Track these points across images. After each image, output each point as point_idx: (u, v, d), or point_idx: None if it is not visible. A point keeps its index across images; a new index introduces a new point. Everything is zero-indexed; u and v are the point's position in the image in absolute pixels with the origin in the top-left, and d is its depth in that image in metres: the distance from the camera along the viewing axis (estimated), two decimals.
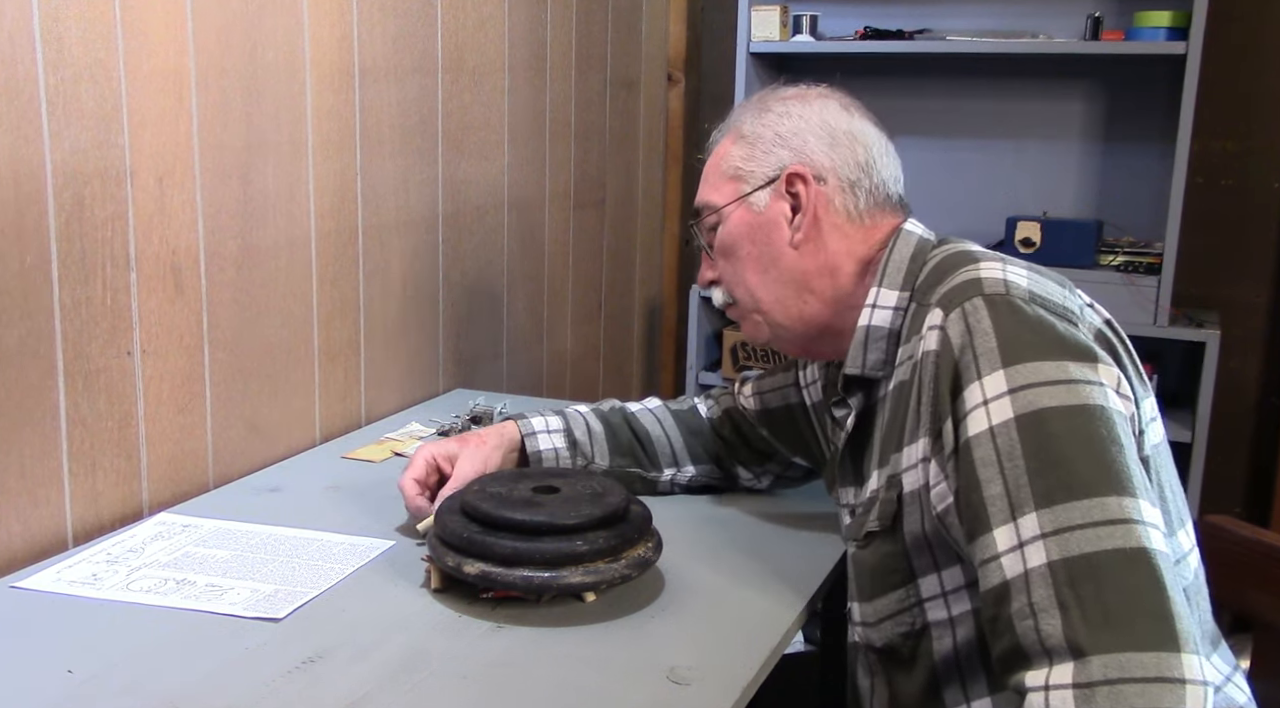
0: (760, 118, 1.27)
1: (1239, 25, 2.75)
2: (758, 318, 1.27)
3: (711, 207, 1.28)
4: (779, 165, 1.23)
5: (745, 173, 1.26)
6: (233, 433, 1.65)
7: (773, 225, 1.24)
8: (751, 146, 1.26)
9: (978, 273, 1.08)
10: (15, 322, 1.31)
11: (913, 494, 1.09)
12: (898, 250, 1.21)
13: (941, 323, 1.06)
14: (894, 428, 1.13)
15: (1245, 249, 2.87)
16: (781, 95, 1.29)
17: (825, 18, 2.98)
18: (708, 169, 1.30)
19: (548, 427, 1.50)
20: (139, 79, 1.44)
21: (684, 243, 3.30)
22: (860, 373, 1.19)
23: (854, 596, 1.20)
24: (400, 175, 1.99)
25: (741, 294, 1.28)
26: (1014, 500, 0.96)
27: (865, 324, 1.19)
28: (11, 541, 1.34)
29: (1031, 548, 0.93)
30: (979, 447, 0.99)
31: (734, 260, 1.27)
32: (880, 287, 1.19)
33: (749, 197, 1.25)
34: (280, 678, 1.07)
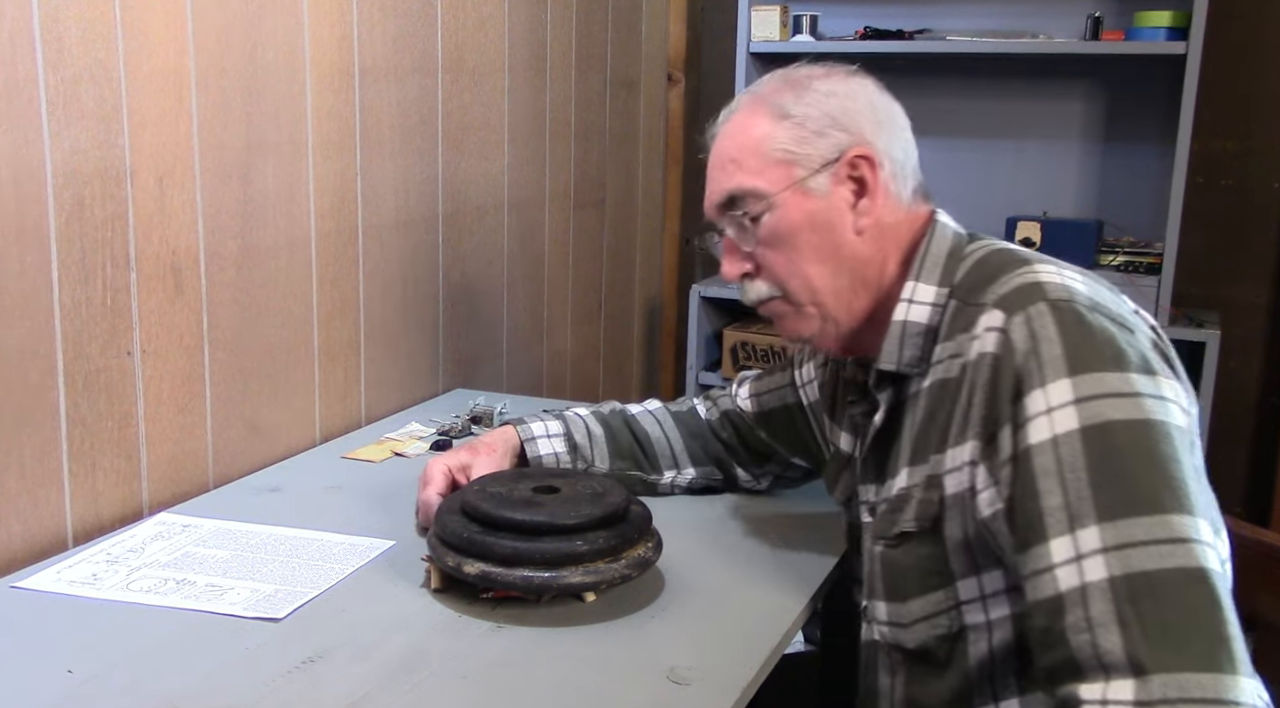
0: (803, 97, 1.17)
1: (1239, 25, 2.75)
2: (811, 311, 1.19)
3: (758, 193, 1.17)
4: (837, 147, 1.15)
5: (799, 156, 1.16)
6: (233, 433, 1.65)
7: (835, 212, 1.16)
8: (801, 127, 1.16)
9: (1037, 277, 1.06)
10: (15, 322, 1.31)
11: (956, 497, 1.07)
12: (935, 244, 1.17)
13: (1003, 325, 1.03)
14: (933, 427, 1.11)
15: (1245, 249, 2.87)
16: (813, 73, 1.20)
17: (825, 18, 2.98)
18: (737, 152, 1.20)
19: (547, 431, 1.49)
20: (139, 79, 1.44)
21: (684, 242, 3.30)
22: (895, 369, 1.16)
23: (878, 594, 1.17)
24: (400, 175, 1.99)
25: (797, 286, 1.18)
26: (1074, 512, 0.94)
27: (902, 319, 1.15)
28: (11, 541, 1.34)
29: (1090, 562, 0.92)
30: (1040, 455, 0.97)
31: (788, 250, 1.17)
32: (917, 281, 1.16)
33: (806, 181, 1.16)
34: (280, 678, 1.07)
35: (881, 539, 1.16)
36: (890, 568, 1.15)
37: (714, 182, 1.23)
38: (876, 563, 1.18)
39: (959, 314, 1.11)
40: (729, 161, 1.21)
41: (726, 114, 1.24)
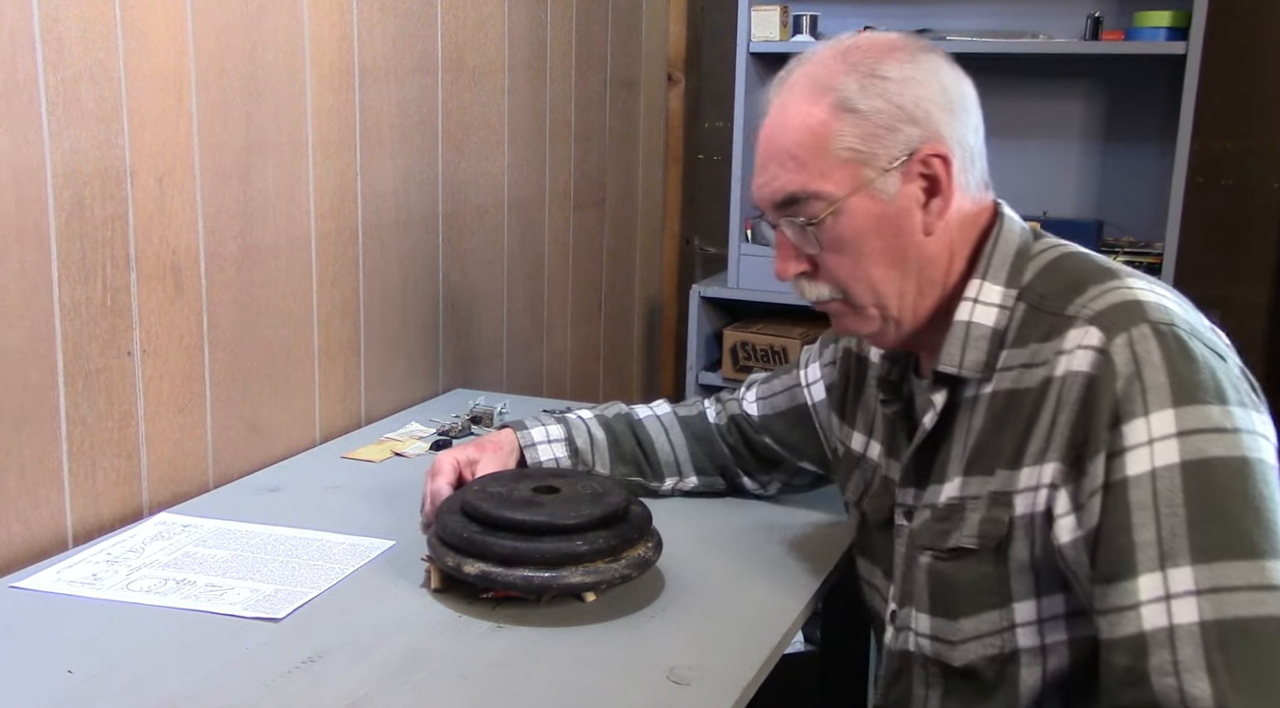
0: (872, 87, 1.07)
1: (1239, 25, 2.75)
2: (873, 313, 1.13)
3: (824, 197, 1.08)
4: (908, 144, 1.07)
5: (867, 156, 1.07)
6: (233, 433, 1.65)
7: (904, 214, 1.08)
8: (869, 122, 1.06)
9: (1135, 294, 1.01)
10: (15, 322, 1.31)
11: (1026, 518, 1.03)
12: (1003, 240, 1.11)
13: (1101, 345, 0.98)
14: (1000, 439, 1.06)
15: (1245, 249, 2.87)
16: (878, 52, 1.09)
17: (825, 18, 2.98)
18: (797, 147, 1.09)
19: (548, 436, 1.48)
20: (139, 79, 1.44)
21: (684, 242, 3.30)
22: (956, 372, 1.10)
23: (922, 606, 1.13)
24: (400, 175, 1.99)
25: (861, 290, 1.11)
26: (1166, 550, 0.91)
27: (966, 320, 1.09)
28: (11, 541, 1.34)
29: (1181, 603, 0.90)
30: (1136, 488, 0.93)
31: (853, 255, 1.10)
32: (984, 280, 1.10)
33: (874, 183, 1.07)
34: (280, 678, 1.07)
35: (930, 550, 1.12)
36: (940, 582, 1.11)
37: (770, 176, 1.11)
38: (922, 574, 1.13)
39: (1033, 320, 1.06)
40: (788, 157, 1.09)
41: (781, 92, 1.12)
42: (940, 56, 1.10)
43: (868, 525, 1.28)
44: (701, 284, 3.00)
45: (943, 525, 1.10)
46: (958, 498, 1.09)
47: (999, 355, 1.08)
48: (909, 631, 1.15)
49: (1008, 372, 1.07)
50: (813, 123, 1.07)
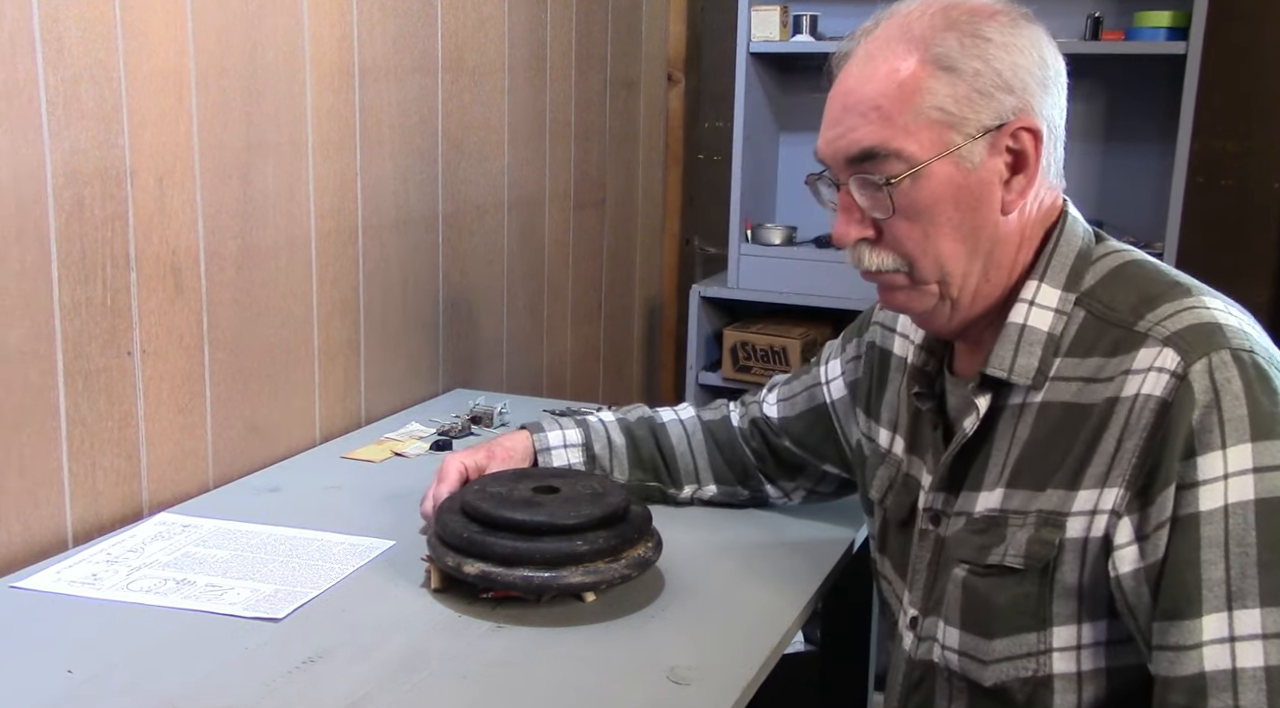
0: (973, 47, 1.00)
1: (1239, 25, 2.75)
2: (933, 290, 1.06)
3: (904, 156, 1.01)
4: (1000, 114, 1.00)
5: (958, 119, 1.00)
6: (233, 433, 1.65)
7: (985, 187, 1.02)
8: (966, 85, 1.00)
9: (1213, 315, 0.96)
10: (15, 322, 1.31)
11: (1078, 542, 0.99)
12: (1065, 241, 1.06)
13: (1179, 370, 0.93)
14: (1052, 455, 1.01)
15: (1245, 249, 2.87)
16: (979, 11, 1.02)
17: (825, 18, 2.98)
18: (883, 98, 1.01)
19: (565, 441, 1.45)
20: (139, 79, 1.44)
21: (684, 242, 3.30)
22: (1006, 377, 1.04)
23: (952, 620, 1.08)
24: (400, 175, 1.99)
25: (928, 264, 1.05)
26: (1234, 590, 0.88)
27: (1020, 322, 1.04)
28: (11, 541, 1.34)
29: (1246, 646, 0.87)
30: (1208, 524, 0.89)
31: (925, 224, 1.03)
32: (1041, 282, 1.04)
33: (961, 150, 1.00)
34: (280, 678, 1.07)
35: (966, 564, 1.07)
36: (975, 598, 1.06)
37: (846, 127, 1.04)
38: (955, 587, 1.08)
39: (1095, 330, 1.01)
40: (871, 108, 1.02)
41: (868, 42, 1.05)
42: (1041, 28, 1.04)
43: (888, 523, 1.24)
44: (701, 284, 3.00)
45: (981, 539, 1.06)
46: (998, 510, 1.05)
47: (1052, 363, 1.03)
48: (934, 642, 1.11)
49: (1063, 382, 1.02)
50: (904, 76, 1.00)
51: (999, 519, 1.05)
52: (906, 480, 1.20)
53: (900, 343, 1.26)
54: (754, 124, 2.92)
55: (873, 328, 1.33)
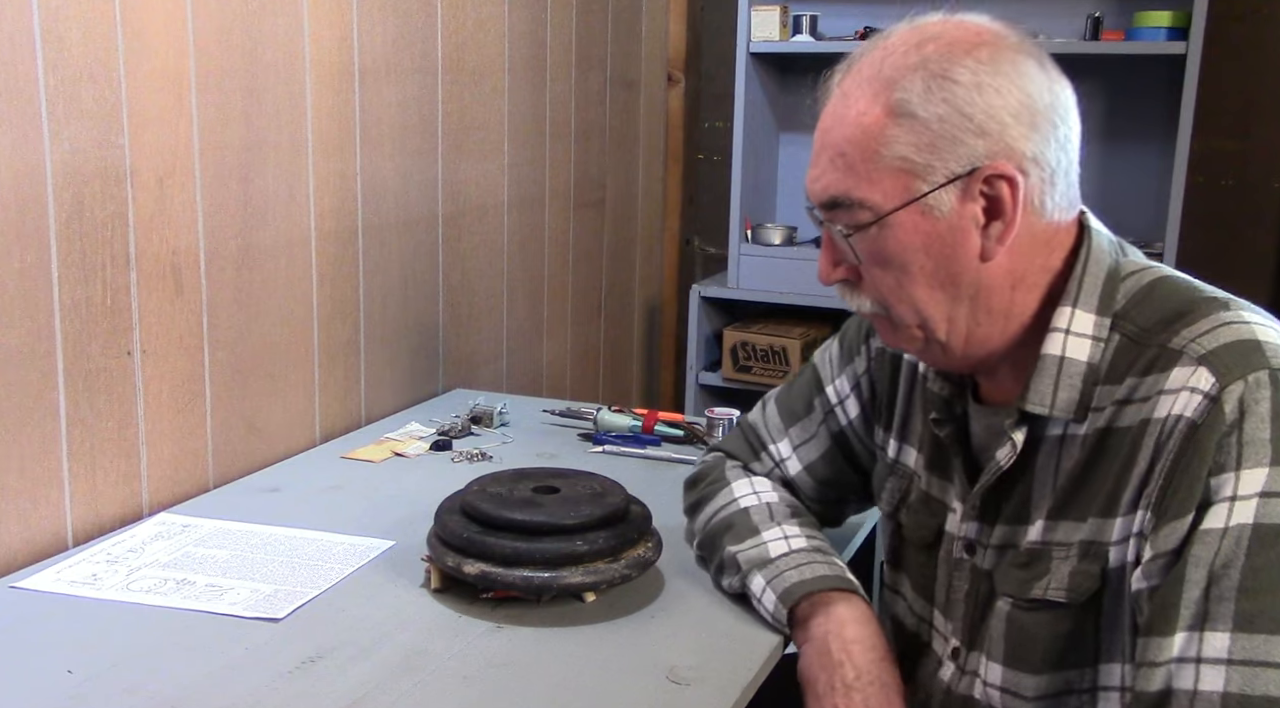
0: (939, 90, 0.95)
1: (1239, 25, 2.75)
2: (918, 333, 1.03)
3: (868, 206, 0.98)
4: (971, 159, 0.95)
5: (920, 167, 0.96)
6: (233, 433, 1.65)
7: (959, 234, 0.97)
8: (929, 132, 0.95)
9: (1252, 332, 0.92)
10: (15, 322, 1.31)
11: (1119, 570, 0.96)
12: (1093, 262, 1.00)
13: (1212, 392, 0.89)
14: (1093, 483, 0.98)
15: (1245, 249, 2.87)
16: (957, 50, 0.96)
17: (825, 18, 2.98)
18: (847, 144, 0.98)
19: (829, 559, 1.22)
20: (139, 79, 1.44)
21: (684, 242, 3.30)
22: (1048, 413, 0.99)
23: (994, 655, 1.05)
24: (400, 175, 1.99)
25: (904, 311, 1.02)
26: (1209, 611, 0.86)
27: (1058, 354, 0.99)
28: (11, 541, 1.34)
29: (1210, 668, 0.85)
30: (1202, 542, 0.87)
31: (897, 271, 1.00)
32: (1075, 308, 0.99)
33: (926, 198, 0.97)
34: (280, 678, 1.07)
35: (1011, 598, 1.03)
36: (1019, 633, 1.03)
37: (819, 171, 1.02)
38: (1000, 621, 1.04)
39: (1130, 352, 0.97)
40: (837, 155, 0.99)
41: (846, 78, 1.01)
42: (1032, 58, 0.97)
43: (906, 542, 1.20)
44: (701, 284, 3.00)
45: (1025, 573, 1.02)
46: (1041, 543, 1.02)
47: (1093, 393, 0.98)
48: (976, 677, 1.08)
49: (1102, 411, 0.98)
50: (867, 122, 0.97)
51: (1042, 552, 1.01)
52: (928, 501, 1.16)
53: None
54: (754, 124, 2.92)
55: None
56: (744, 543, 1.22)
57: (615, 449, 1.77)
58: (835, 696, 1.07)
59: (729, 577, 1.23)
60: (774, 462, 1.33)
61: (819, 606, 1.14)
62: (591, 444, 1.80)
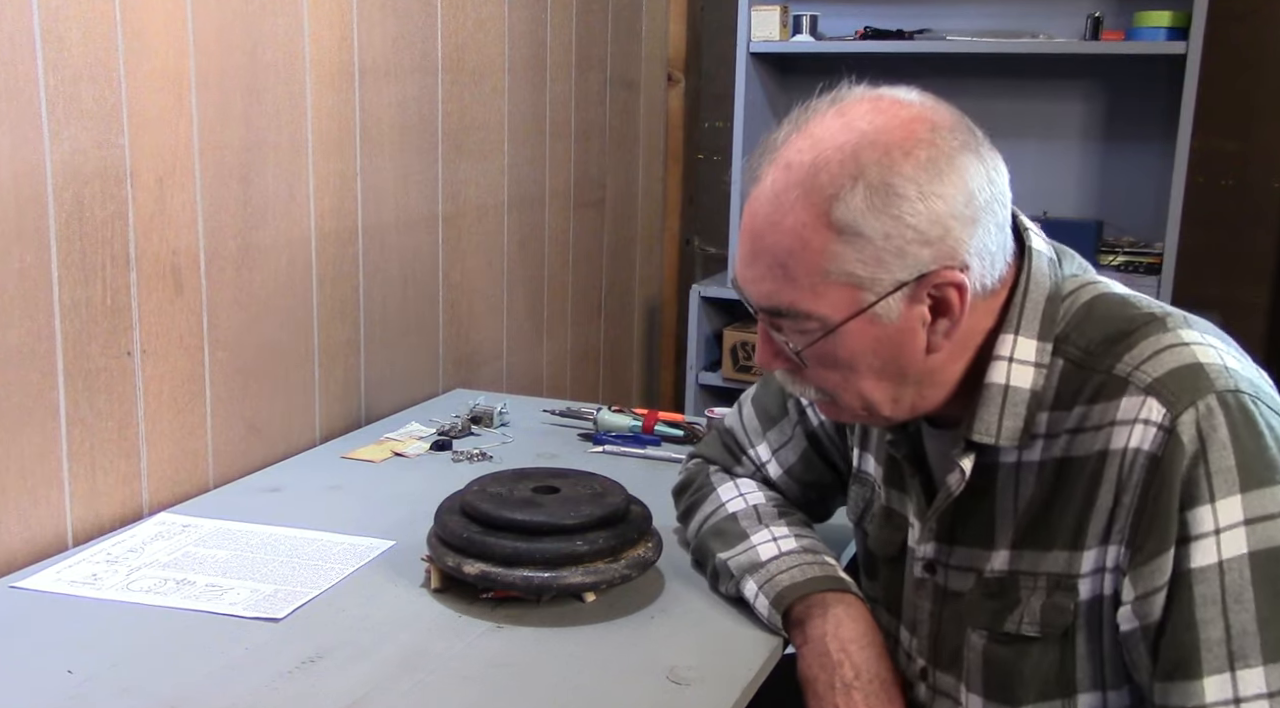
0: (883, 206, 0.92)
1: (1239, 25, 2.75)
2: (863, 413, 1.04)
3: (816, 318, 0.97)
4: (917, 267, 0.94)
5: (868, 280, 0.94)
6: (233, 433, 1.65)
7: (906, 334, 0.97)
8: (874, 247, 0.93)
9: (1193, 355, 0.92)
10: (15, 322, 1.31)
11: (1092, 603, 0.96)
12: (1034, 287, 0.99)
13: (1164, 422, 0.90)
14: (1054, 514, 0.98)
15: (1245, 249, 2.87)
16: (899, 152, 0.93)
17: (825, 18, 2.98)
18: (786, 256, 0.95)
19: (822, 557, 1.23)
20: (139, 79, 1.44)
21: (684, 242, 3.30)
22: (994, 442, 0.99)
23: (974, 687, 1.05)
24: (400, 175, 1.99)
25: (850, 399, 1.02)
26: (1235, 649, 0.86)
27: (1002, 383, 0.98)
28: (11, 541, 1.34)
29: (1252, 706, 0.85)
30: (1202, 582, 0.87)
31: (844, 371, 1.00)
32: (1017, 335, 0.98)
33: (875, 307, 0.95)
34: (280, 678, 1.07)
35: (985, 630, 1.03)
36: (998, 667, 1.03)
37: (756, 275, 0.99)
38: (976, 655, 1.04)
39: (1075, 378, 0.97)
40: (777, 265, 0.96)
41: (774, 169, 0.97)
42: (969, 151, 0.95)
43: (871, 552, 1.20)
44: (701, 284, 3.00)
45: (995, 604, 1.02)
46: (1009, 572, 1.02)
47: (1037, 419, 0.99)
48: (956, 703, 1.08)
49: (1054, 439, 0.98)
50: (807, 236, 0.94)
51: (1010, 582, 1.01)
52: (890, 514, 1.16)
53: None
54: (754, 124, 2.92)
55: None
56: (734, 549, 1.23)
57: (615, 449, 1.77)
58: (835, 695, 1.08)
59: (724, 584, 1.24)
60: (755, 465, 1.34)
61: (814, 607, 1.14)
62: (591, 444, 1.80)
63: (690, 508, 1.35)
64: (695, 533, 1.32)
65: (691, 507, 1.34)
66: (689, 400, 3.05)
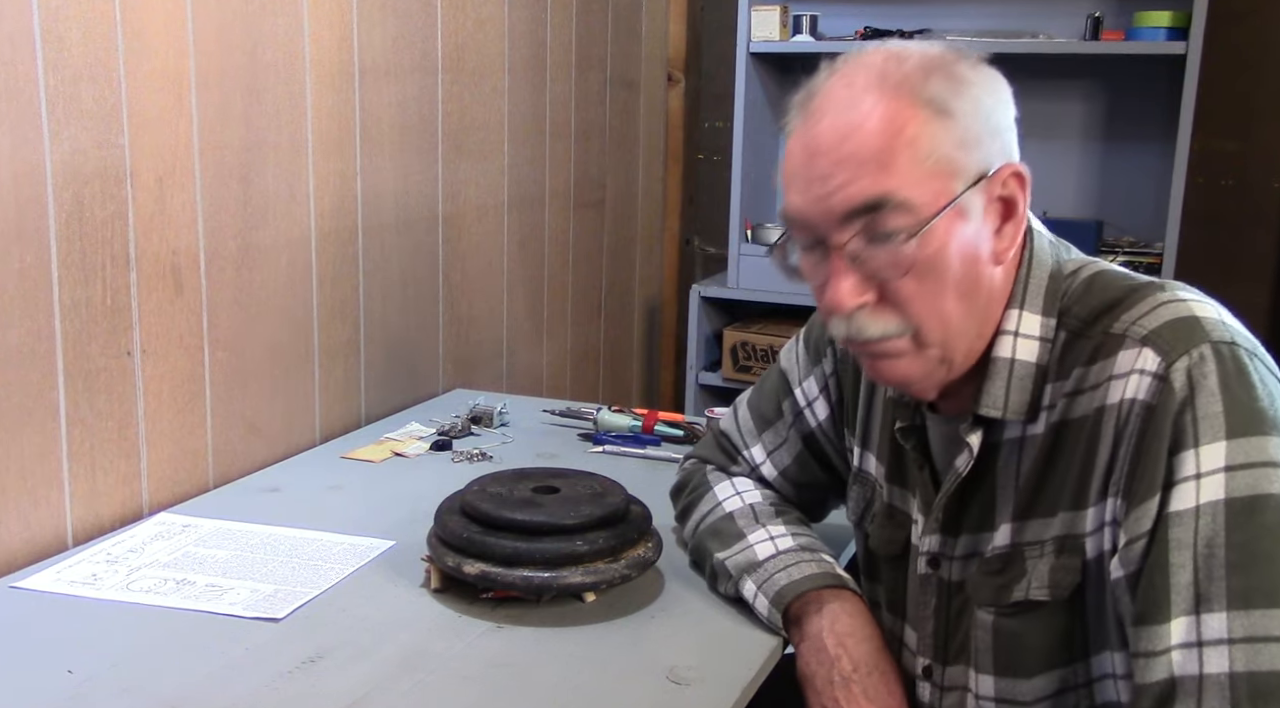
0: (962, 89, 0.94)
1: (1239, 25, 2.75)
2: (934, 354, 0.99)
3: (913, 210, 0.93)
4: (990, 160, 0.95)
5: (958, 167, 0.93)
6: (233, 433, 1.65)
7: (980, 239, 0.96)
8: (962, 128, 0.93)
9: (1189, 309, 0.93)
10: (15, 322, 1.31)
11: (1097, 560, 0.95)
12: (1037, 263, 1.01)
13: (1160, 372, 0.90)
14: (1055, 479, 0.98)
15: (1245, 249, 2.87)
16: (950, 57, 0.96)
17: (825, 18, 2.98)
18: (880, 149, 0.93)
19: (819, 555, 1.23)
20: (139, 79, 1.44)
21: (684, 242, 3.30)
22: (1001, 416, 0.99)
23: (983, 667, 1.04)
24: (400, 175, 1.99)
25: (934, 326, 0.97)
26: (1202, 593, 0.85)
27: (1008, 357, 0.99)
28: (11, 541, 1.34)
29: (1213, 651, 0.84)
30: (1177, 525, 0.87)
31: (933, 283, 0.95)
32: (1022, 309, 0.99)
33: (961, 199, 0.93)
34: (280, 678, 1.07)
35: (990, 607, 1.03)
36: (1006, 639, 1.02)
37: (840, 181, 0.94)
38: (985, 633, 1.04)
39: (1074, 346, 0.98)
40: (868, 159, 0.93)
41: (837, 90, 0.96)
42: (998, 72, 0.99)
43: (872, 553, 1.19)
44: (701, 284, 3.00)
45: (999, 579, 1.02)
46: (1010, 546, 1.01)
47: (1043, 392, 0.99)
48: (965, 692, 1.07)
49: (1054, 407, 0.98)
50: (901, 122, 0.92)
51: (1013, 555, 1.01)
52: (892, 512, 1.16)
53: None
54: (754, 124, 2.92)
55: None
56: (731, 549, 1.23)
57: (615, 449, 1.77)
58: (834, 689, 1.08)
59: (722, 584, 1.24)
60: (750, 466, 1.34)
61: (811, 604, 1.14)
62: (591, 444, 1.80)
63: (687, 508, 1.35)
64: (692, 533, 1.32)
65: (688, 507, 1.34)
66: (689, 400, 3.05)
